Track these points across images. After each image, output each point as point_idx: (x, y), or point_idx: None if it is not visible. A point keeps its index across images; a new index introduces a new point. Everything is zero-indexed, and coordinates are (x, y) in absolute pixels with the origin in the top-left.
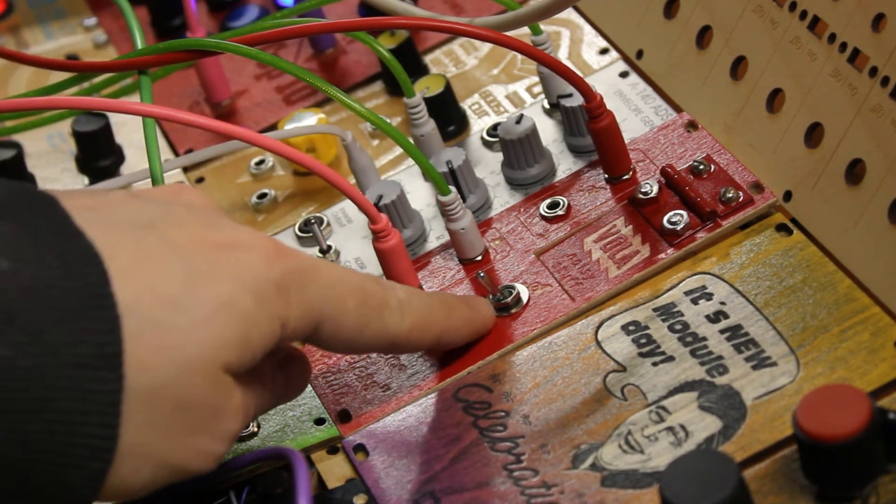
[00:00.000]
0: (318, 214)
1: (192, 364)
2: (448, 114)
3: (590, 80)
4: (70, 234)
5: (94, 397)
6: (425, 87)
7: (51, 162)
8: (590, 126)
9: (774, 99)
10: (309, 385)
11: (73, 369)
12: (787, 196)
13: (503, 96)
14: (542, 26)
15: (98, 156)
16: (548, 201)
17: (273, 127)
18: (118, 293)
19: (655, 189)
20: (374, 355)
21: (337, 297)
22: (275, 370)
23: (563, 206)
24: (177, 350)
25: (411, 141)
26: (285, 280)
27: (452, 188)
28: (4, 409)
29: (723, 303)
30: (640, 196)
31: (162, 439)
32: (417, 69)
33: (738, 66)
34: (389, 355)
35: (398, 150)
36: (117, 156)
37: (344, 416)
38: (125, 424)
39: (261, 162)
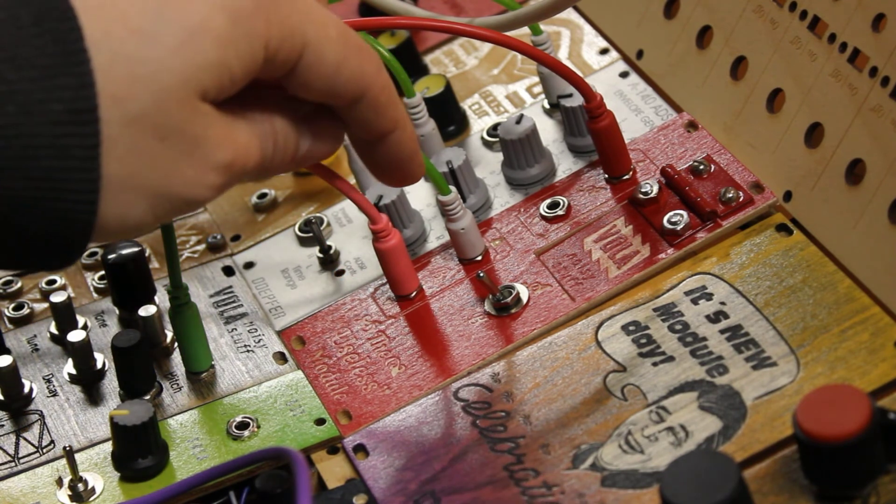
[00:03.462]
0: (318, 214)
1: (166, 92)
2: (448, 114)
3: (590, 80)
4: None
5: (71, 152)
6: (425, 87)
7: None
8: (590, 126)
9: (774, 99)
10: (309, 385)
11: (50, 127)
12: (787, 196)
13: (503, 96)
14: (542, 26)
15: None
16: (548, 201)
17: None
18: (86, 29)
19: (655, 189)
20: (373, 355)
21: (319, 21)
22: (298, 122)
23: (563, 206)
24: (150, 80)
25: None
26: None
27: (452, 188)
28: None
29: (723, 303)
30: (641, 196)
31: (147, 169)
32: (417, 69)
33: (738, 66)
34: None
35: None
36: None
37: (344, 416)
38: (107, 160)
39: None
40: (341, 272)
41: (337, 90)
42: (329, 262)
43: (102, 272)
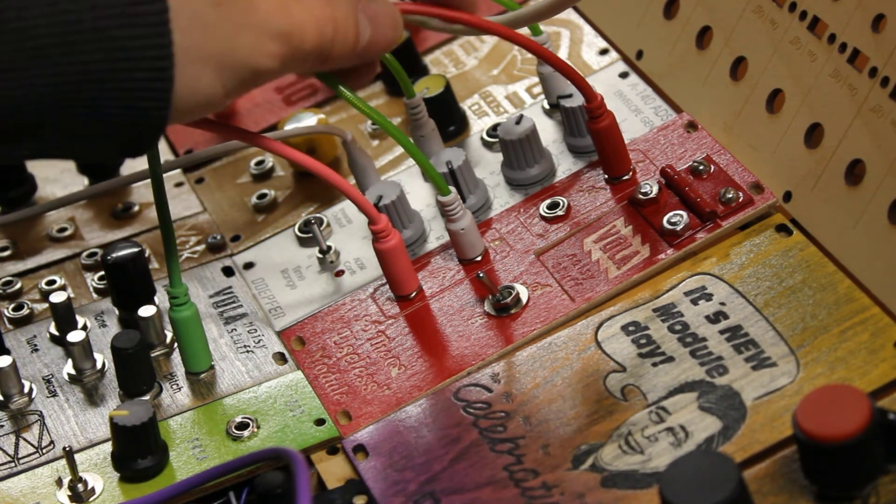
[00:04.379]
0: (318, 215)
1: None
2: (448, 114)
3: (590, 81)
4: None
5: (143, 20)
6: (425, 88)
7: (51, 162)
8: (590, 126)
9: (774, 99)
10: (308, 385)
11: None
12: (787, 196)
13: (503, 97)
14: (542, 27)
15: None
16: (548, 202)
17: (273, 127)
18: None
19: (655, 189)
20: (373, 355)
21: None
22: (357, 11)
23: (563, 206)
24: None
25: (412, 140)
26: None
27: (452, 188)
28: (66, 42)
29: (723, 303)
30: (640, 196)
31: (209, 38)
32: (417, 69)
33: (738, 67)
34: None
35: (398, 151)
36: None
37: (344, 417)
38: (174, 33)
39: (261, 162)
40: (341, 272)
41: None
42: (329, 262)
43: (102, 272)
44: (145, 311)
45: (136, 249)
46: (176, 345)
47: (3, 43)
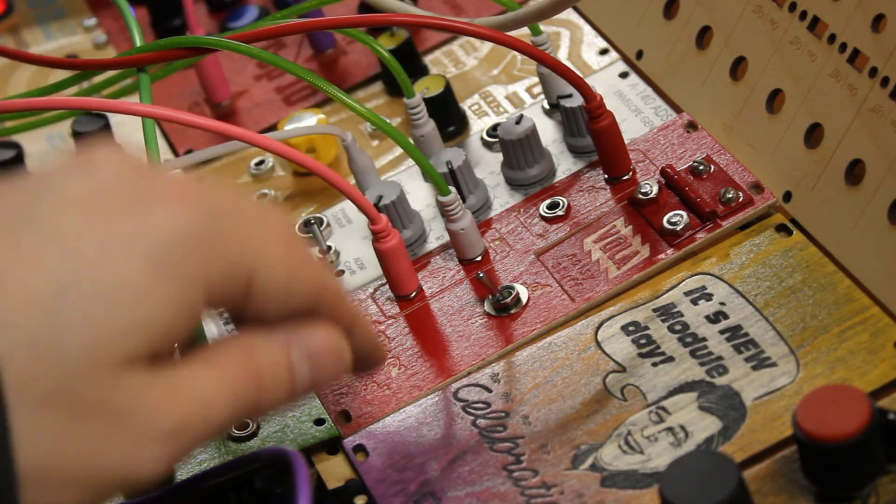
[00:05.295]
0: (317, 215)
1: (75, 367)
2: (448, 114)
3: (590, 81)
4: None
5: None
6: (425, 88)
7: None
8: (590, 126)
9: (774, 99)
10: None
11: None
12: (787, 196)
13: (503, 97)
14: (542, 27)
15: None
16: (548, 202)
17: (273, 127)
18: None
19: (655, 189)
20: None
21: (262, 241)
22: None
23: (563, 206)
24: (55, 356)
25: (411, 141)
26: (200, 234)
27: (452, 188)
28: None
29: (722, 303)
30: (640, 196)
31: (66, 455)
32: (417, 69)
33: (738, 67)
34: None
35: (398, 151)
36: None
37: (344, 417)
38: (22, 451)
39: (261, 162)
40: (341, 272)
41: (292, 304)
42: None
43: None
44: None
45: None
46: (176, 344)
47: None
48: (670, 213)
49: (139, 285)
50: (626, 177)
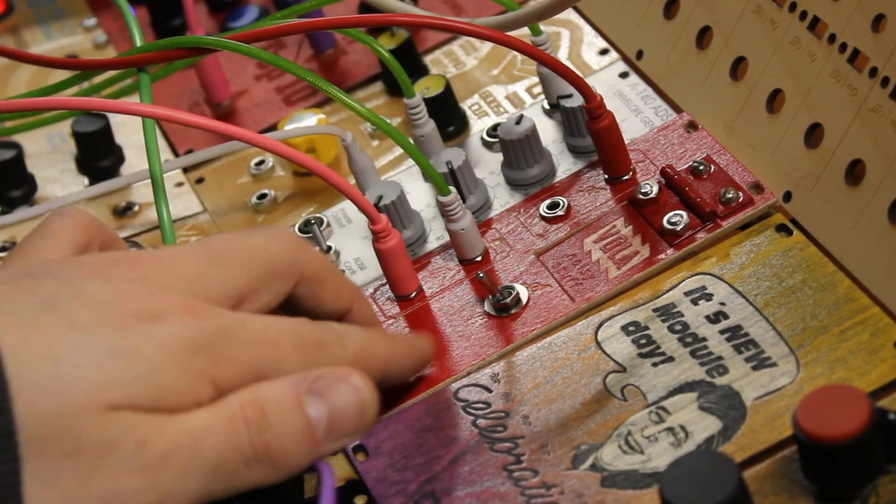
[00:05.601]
0: (318, 215)
1: (72, 406)
2: (448, 114)
3: (590, 81)
4: None
5: None
6: (425, 88)
7: (51, 162)
8: (590, 126)
9: (774, 99)
10: None
11: None
12: (787, 196)
13: (503, 97)
14: (542, 27)
15: (98, 156)
16: (548, 202)
17: (273, 127)
18: (5, 358)
19: (655, 189)
20: None
21: (271, 344)
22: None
23: (563, 206)
24: (56, 398)
25: (411, 141)
26: (204, 338)
27: (452, 189)
28: None
29: (723, 303)
30: (640, 196)
31: (60, 498)
32: (417, 69)
33: (738, 67)
34: None
35: (398, 151)
36: (117, 156)
37: None
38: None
39: (261, 162)
40: (342, 272)
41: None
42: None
43: None
44: None
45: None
46: None
47: None
48: (670, 213)
49: (147, 355)
50: (626, 177)
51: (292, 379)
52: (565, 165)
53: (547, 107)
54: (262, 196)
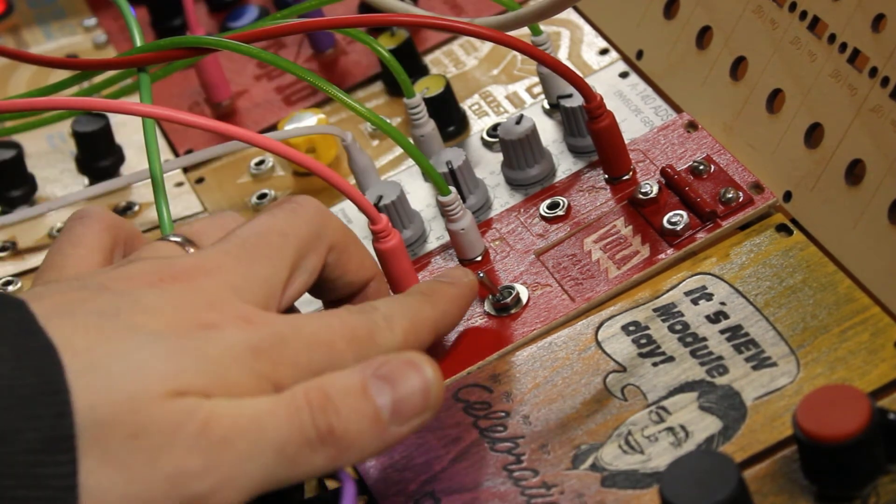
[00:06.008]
0: None
1: (138, 391)
2: (448, 114)
3: (590, 81)
4: (30, 332)
5: (47, 482)
6: (425, 88)
7: (51, 162)
8: (590, 126)
9: (774, 99)
10: None
11: (25, 455)
12: (787, 196)
13: (503, 97)
14: (542, 26)
15: (98, 156)
16: (548, 202)
17: (273, 127)
18: (68, 365)
19: (655, 189)
20: None
21: (326, 345)
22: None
23: (563, 206)
24: (121, 380)
25: (411, 141)
26: (263, 344)
27: (452, 188)
28: None
29: (723, 303)
30: (640, 196)
31: (125, 479)
32: (417, 69)
33: (738, 67)
34: None
35: (398, 151)
36: (117, 156)
37: None
38: (84, 475)
39: (261, 162)
40: None
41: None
42: None
43: None
44: None
45: None
46: None
47: None
48: (670, 213)
49: (211, 354)
50: (626, 177)
51: (357, 366)
52: (565, 165)
53: (547, 107)
54: (262, 196)
